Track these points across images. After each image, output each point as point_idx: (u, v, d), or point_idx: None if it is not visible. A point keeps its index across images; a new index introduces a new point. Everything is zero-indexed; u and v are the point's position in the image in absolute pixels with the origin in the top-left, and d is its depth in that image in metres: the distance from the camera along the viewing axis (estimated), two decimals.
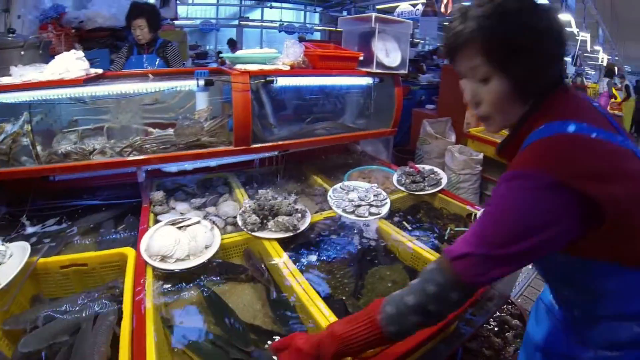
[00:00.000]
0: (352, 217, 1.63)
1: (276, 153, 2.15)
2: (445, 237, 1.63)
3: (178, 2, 4.60)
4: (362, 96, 2.42)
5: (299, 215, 1.59)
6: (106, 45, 3.57)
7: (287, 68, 1.96)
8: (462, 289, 0.77)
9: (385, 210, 1.68)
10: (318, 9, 15.03)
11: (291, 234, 1.52)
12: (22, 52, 2.08)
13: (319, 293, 1.23)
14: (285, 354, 0.88)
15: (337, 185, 1.85)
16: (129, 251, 1.38)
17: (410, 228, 1.70)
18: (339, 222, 1.68)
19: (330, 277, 1.39)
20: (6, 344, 1.15)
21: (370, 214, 1.64)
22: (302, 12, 15.86)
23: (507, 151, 0.86)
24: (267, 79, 1.87)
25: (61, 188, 1.94)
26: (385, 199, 1.75)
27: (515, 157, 0.76)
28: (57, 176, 1.87)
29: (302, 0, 15.13)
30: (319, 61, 2.05)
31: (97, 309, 1.18)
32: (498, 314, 2.06)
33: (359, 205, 1.66)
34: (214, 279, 1.37)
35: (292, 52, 2.03)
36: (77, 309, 1.19)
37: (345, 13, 13.13)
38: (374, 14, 2.14)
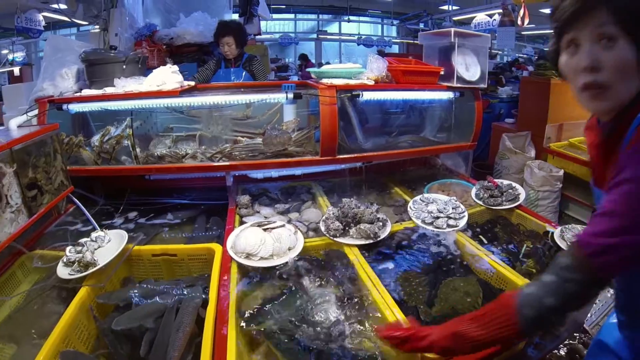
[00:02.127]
0: (430, 228, 1.83)
1: (359, 164, 2.41)
2: (521, 254, 1.76)
3: (260, 18, 5.23)
4: (442, 110, 2.64)
5: (380, 224, 1.81)
6: (194, 60, 4.16)
7: (372, 83, 2.22)
8: (602, 283, 0.82)
9: (462, 223, 1.86)
10: (395, 22, 15.77)
11: (371, 241, 1.73)
12: (124, 66, 2.50)
13: (394, 299, 1.40)
14: (415, 345, 0.98)
15: (417, 197, 2.05)
16: (217, 247, 1.68)
17: (486, 242, 1.87)
18: (417, 233, 1.88)
19: (406, 284, 1.57)
20: (95, 315, 1.46)
21: (448, 226, 1.83)
22: (380, 25, 16.64)
23: (613, 138, 0.88)
24: (353, 93, 2.16)
25: (155, 186, 2.41)
26: (463, 212, 1.92)
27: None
28: (152, 176, 2.36)
29: (379, 13, 16.06)
30: (402, 76, 2.29)
31: (183, 294, 1.45)
32: (569, 341, 2.07)
33: (438, 217, 1.85)
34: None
35: (376, 67, 2.29)
36: (164, 293, 1.47)
37: (422, 25, 13.50)
38: (453, 29, 2.34)
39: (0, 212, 1.57)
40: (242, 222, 1.96)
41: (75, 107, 2.30)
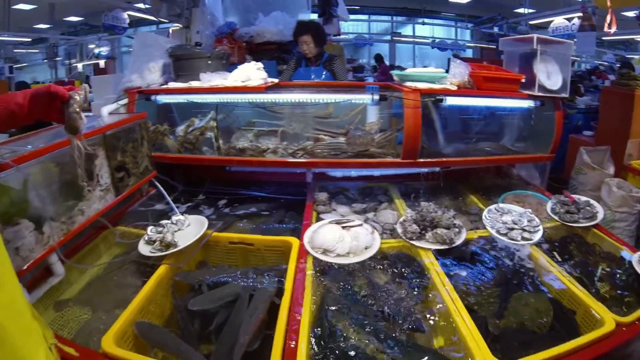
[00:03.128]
0: (504, 239, 1.83)
1: (437, 169, 2.45)
2: (597, 276, 1.70)
3: (339, 19, 5.41)
4: (521, 119, 2.62)
5: (457, 230, 1.83)
6: (273, 58, 4.36)
7: (454, 88, 2.25)
8: None
9: (537, 237, 1.83)
10: (469, 26, 15.64)
11: (447, 246, 1.76)
12: (209, 62, 2.70)
13: (465, 306, 1.42)
14: None
15: (492, 207, 2.05)
16: (294, 240, 1.76)
17: (560, 259, 1.83)
18: (491, 242, 1.89)
19: (476, 293, 1.59)
20: (171, 293, 1.63)
21: (523, 238, 1.81)
22: (453, 29, 16.54)
23: None
24: (437, 97, 2.20)
25: (233, 178, 2.60)
26: (538, 225, 1.89)
27: None
28: (233, 167, 2.55)
29: (453, 16, 15.93)
30: (484, 82, 2.29)
31: (258, 282, 1.56)
32: None
33: (512, 229, 1.85)
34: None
35: (458, 72, 2.33)
36: (239, 279, 1.59)
37: (496, 29, 13.25)
38: (535, 35, 2.31)
39: (91, 189, 1.78)
40: (318, 219, 2.04)
41: (162, 98, 2.52)
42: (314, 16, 5.56)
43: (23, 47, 16.24)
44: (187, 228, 1.90)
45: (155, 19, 8.38)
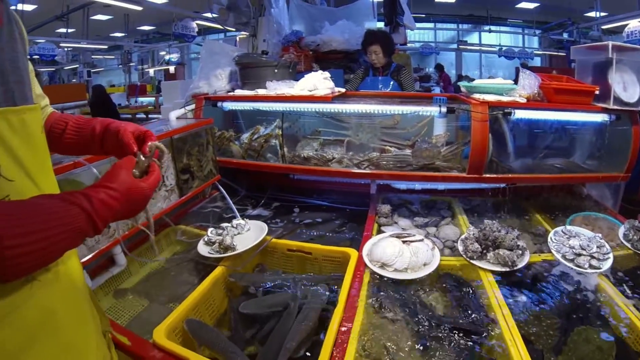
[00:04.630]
0: (571, 265, 1.68)
1: (502, 185, 2.36)
2: None
3: (406, 27, 5.40)
4: (594, 134, 2.44)
5: (520, 252, 1.74)
6: (340, 66, 4.39)
7: (523, 100, 2.16)
8: None
9: (606, 265, 1.67)
10: (537, 32, 15.10)
11: (508, 269, 1.67)
12: (276, 70, 2.78)
13: (522, 336, 1.33)
14: None
15: (559, 229, 1.91)
16: (352, 252, 1.74)
17: (630, 293, 1.64)
18: (555, 268, 1.76)
19: (535, 323, 1.48)
20: (224, 296, 1.71)
21: (590, 266, 1.66)
22: (521, 36, 16.05)
23: None
24: (505, 110, 2.13)
25: (296, 185, 2.64)
26: (609, 252, 1.73)
27: None
28: (296, 175, 2.57)
29: (520, 22, 15.45)
30: (554, 94, 2.18)
31: (311, 290, 1.57)
32: None
33: (580, 255, 1.70)
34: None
35: (528, 83, 2.24)
36: (293, 286, 1.61)
37: (566, 35, 12.60)
38: (610, 43, 2.13)
39: (157, 189, 1.89)
40: (379, 231, 2.03)
41: (228, 105, 2.61)
42: (380, 24, 5.59)
43: (100, 53, 17.70)
44: (247, 232, 1.95)
45: (223, 27, 8.73)
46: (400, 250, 1.71)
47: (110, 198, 0.76)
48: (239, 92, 2.71)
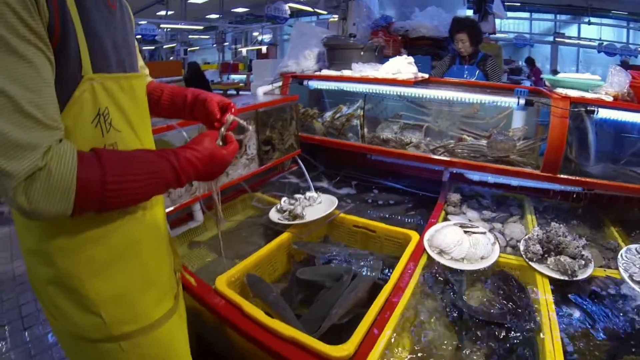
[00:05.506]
0: (636, 287, 1.56)
1: (579, 189, 2.27)
2: None
3: (495, 16, 5.22)
4: None
5: (583, 262, 1.64)
6: (428, 53, 4.34)
7: (610, 99, 2.03)
8: None
9: None
10: None
11: (567, 278, 1.59)
12: (362, 53, 2.86)
13: (566, 352, 1.28)
14: None
15: (634, 246, 1.78)
16: (414, 235, 1.80)
17: None
18: (619, 287, 1.64)
19: (583, 341, 1.40)
20: (287, 260, 1.88)
21: None
22: (625, 30, 14.37)
23: None
24: (588, 108, 2.02)
25: (372, 165, 2.75)
26: None
27: None
28: (374, 156, 2.68)
29: (625, 15, 13.83)
30: None
31: (365, 266, 1.66)
32: None
33: None
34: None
35: (616, 80, 2.08)
36: (350, 260, 1.70)
37: None
38: None
39: (238, 157, 2.08)
40: (445, 219, 2.06)
41: (314, 84, 2.75)
42: (469, 12, 5.46)
43: (196, 33, 18.71)
44: (318, 205, 2.08)
45: (316, 10, 8.92)
46: (460, 240, 1.74)
47: (195, 158, 0.91)
48: (325, 72, 2.84)
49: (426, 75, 2.58)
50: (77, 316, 0.92)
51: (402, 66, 2.47)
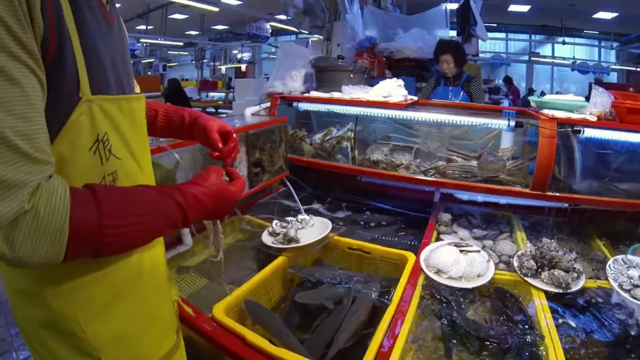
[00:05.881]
0: (626, 296, 1.63)
1: (565, 205, 2.34)
2: None
3: (478, 38, 5.36)
4: None
5: (575, 275, 1.71)
6: (412, 74, 4.45)
7: (594, 119, 2.11)
8: None
9: None
10: (615, 45, 14.31)
11: (561, 290, 1.66)
12: (351, 75, 2.89)
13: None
14: None
15: (620, 257, 1.85)
16: (410, 255, 1.81)
17: None
18: (610, 296, 1.71)
19: (581, 348, 1.46)
20: (282, 284, 1.83)
21: None
22: (597, 49, 15.16)
23: None
24: (575, 128, 2.11)
25: (361, 187, 2.76)
26: None
27: None
28: (363, 178, 2.69)
29: (596, 34, 14.56)
30: (627, 114, 2.10)
31: (363, 289, 1.64)
32: None
33: (638, 286, 1.65)
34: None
35: (600, 101, 2.17)
36: (348, 282, 1.69)
37: None
38: None
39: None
40: (438, 239, 2.09)
41: (303, 106, 2.76)
42: (452, 33, 5.61)
43: (175, 49, 18.66)
44: (311, 228, 2.06)
45: (295, 29, 8.99)
46: (457, 259, 1.76)
47: (202, 194, 0.83)
48: (314, 93, 2.85)
49: (415, 98, 2.64)
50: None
51: (393, 89, 2.51)
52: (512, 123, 2.25)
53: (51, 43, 0.66)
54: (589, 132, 2.15)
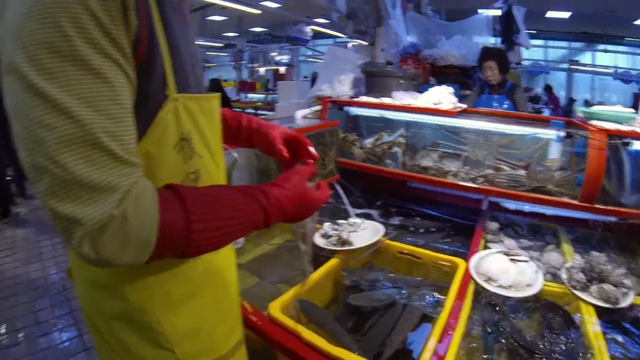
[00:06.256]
0: None
1: (613, 219, 2.30)
2: None
3: (521, 46, 5.29)
4: None
5: (625, 290, 1.66)
6: (456, 82, 4.42)
7: None
8: None
9: None
10: None
11: (610, 306, 1.61)
12: (401, 81, 2.93)
13: None
14: None
15: None
16: (461, 262, 1.82)
17: None
18: None
19: None
20: (333, 286, 1.85)
21: None
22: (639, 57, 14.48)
23: None
24: (624, 140, 2.08)
25: (410, 193, 2.77)
26: None
27: None
28: (413, 183, 2.71)
29: (639, 42, 14.04)
30: None
31: (414, 294, 1.67)
32: None
33: None
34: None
35: None
36: (399, 286, 1.72)
37: None
38: None
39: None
40: (485, 247, 2.09)
41: (354, 110, 2.80)
42: (494, 41, 5.56)
43: (214, 50, 18.94)
44: (362, 231, 2.09)
45: (333, 33, 9.05)
46: (507, 267, 1.76)
47: (284, 197, 0.81)
48: (364, 98, 2.89)
49: (464, 106, 2.64)
50: (144, 351, 0.86)
51: (443, 96, 2.54)
52: (562, 134, 2.23)
53: (142, 42, 0.66)
54: (638, 145, 2.12)
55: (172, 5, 0.78)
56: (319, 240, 2.00)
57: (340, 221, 2.14)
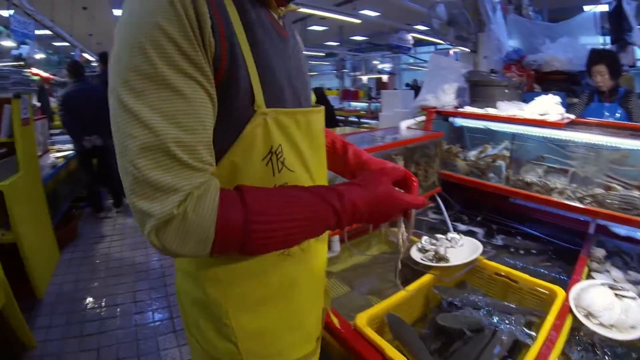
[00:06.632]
0: None
1: None
2: None
3: (636, 46, 4.70)
4: None
5: None
6: (562, 89, 4.03)
7: None
8: None
9: None
10: None
11: None
12: (506, 91, 2.77)
13: None
14: None
15: None
16: (560, 291, 1.62)
17: None
18: None
19: None
20: (424, 302, 1.76)
21: None
22: None
23: None
24: None
25: (511, 210, 2.60)
26: None
27: None
28: (516, 200, 2.54)
29: None
30: None
31: (506, 320, 1.54)
32: None
33: None
34: None
35: None
36: (489, 310, 1.60)
37: None
38: None
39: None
40: (589, 276, 1.89)
41: (459, 121, 2.72)
42: (601, 40, 5.04)
43: (316, 59, 19.44)
44: (460, 247, 1.98)
45: (434, 40, 8.83)
46: (611, 304, 1.54)
47: (360, 199, 0.79)
48: (468, 108, 2.79)
49: (572, 116, 2.43)
50: (214, 339, 0.92)
51: (549, 106, 2.37)
52: None
53: (223, 60, 0.71)
54: None
55: (261, 23, 0.82)
56: (415, 254, 1.93)
57: (438, 235, 2.05)
